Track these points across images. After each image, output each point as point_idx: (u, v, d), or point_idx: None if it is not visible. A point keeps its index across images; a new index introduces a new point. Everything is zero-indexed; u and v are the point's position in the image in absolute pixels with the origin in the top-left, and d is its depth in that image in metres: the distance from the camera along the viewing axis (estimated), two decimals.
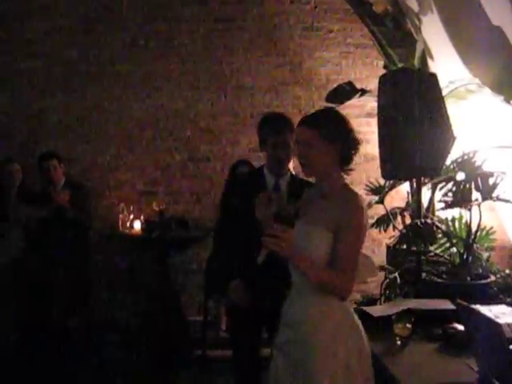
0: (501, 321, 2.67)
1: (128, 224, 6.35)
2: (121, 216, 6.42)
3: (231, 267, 3.70)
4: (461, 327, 3.01)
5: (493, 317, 2.65)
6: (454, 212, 4.84)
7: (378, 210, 5.33)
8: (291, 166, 5.74)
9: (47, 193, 5.73)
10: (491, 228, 5.00)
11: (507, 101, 4.72)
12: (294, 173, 5.69)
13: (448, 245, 4.84)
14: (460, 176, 4.54)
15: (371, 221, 4.85)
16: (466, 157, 4.60)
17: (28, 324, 5.51)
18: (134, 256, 6.61)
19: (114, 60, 6.76)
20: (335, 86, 5.92)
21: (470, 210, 4.43)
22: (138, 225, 6.31)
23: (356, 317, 2.80)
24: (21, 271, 5.44)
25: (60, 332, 5.50)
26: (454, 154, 4.61)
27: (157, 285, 6.24)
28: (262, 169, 3.90)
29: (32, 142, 6.67)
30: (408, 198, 5.65)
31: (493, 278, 4.49)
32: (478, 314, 2.54)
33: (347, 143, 2.80)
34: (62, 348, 5.48)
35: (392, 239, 5.24)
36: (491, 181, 4.35)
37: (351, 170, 2.87)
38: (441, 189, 4.69)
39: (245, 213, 3.38)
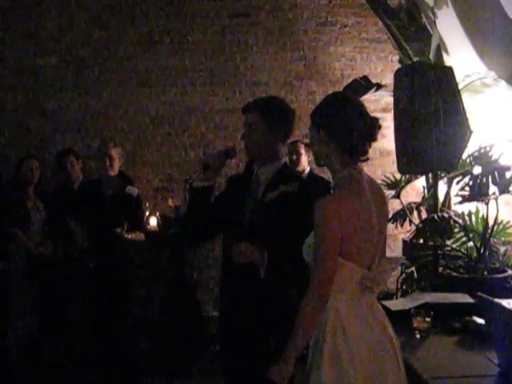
0: None
1: (144, 220, 6.35)
2: None
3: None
4: (480, 320, 3.02)
5: None
6: (471, 206, 4.83)
7: (394, 205, 5.32)
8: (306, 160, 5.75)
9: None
10: (508, 222, 4.98)
11: None
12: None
13: (465, 239, 4.84)
14: (477, 170, 4.54)
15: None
16: (482, 150, 4.59)
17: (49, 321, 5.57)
18: (149, 252, 6.63)
19: (128, 56, 6.77)
20: (350, 80, 5.91)
21: (486, 203, 4.42)
22: (154, 221, 6.32)
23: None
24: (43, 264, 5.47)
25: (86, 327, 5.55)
26: (471, 147, 4.60)
27: (173, 280, 6.25)
28: None
29: (48, 138, 6.71)
30: (424, 192, 5.64)
31: (510, 272, 4.49)
32: (500, 306, 2.54)
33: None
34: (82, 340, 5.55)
35: (408, 234, 5.25)
36: (508, 174, 4.35)
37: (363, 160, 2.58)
38: (457, 183, 4.68)
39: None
